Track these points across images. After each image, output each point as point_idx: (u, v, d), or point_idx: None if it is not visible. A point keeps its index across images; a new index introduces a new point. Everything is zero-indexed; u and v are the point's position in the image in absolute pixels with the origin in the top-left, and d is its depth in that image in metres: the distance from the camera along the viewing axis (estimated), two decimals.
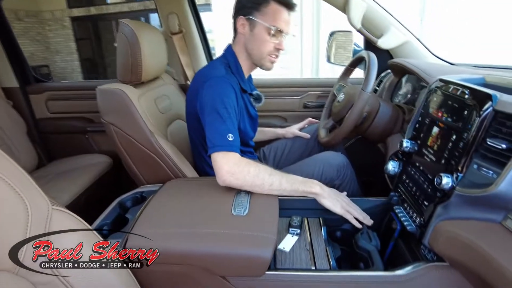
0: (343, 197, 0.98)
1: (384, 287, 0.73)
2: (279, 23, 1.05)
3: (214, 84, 1.01)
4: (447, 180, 0.67)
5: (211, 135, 0.96)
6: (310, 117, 1.73)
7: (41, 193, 0.59)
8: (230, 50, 1.14)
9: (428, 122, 0.84)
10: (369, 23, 1.39)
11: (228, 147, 0.94)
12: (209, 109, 0.98)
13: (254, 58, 1.11)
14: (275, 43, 1.07)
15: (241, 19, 1.07)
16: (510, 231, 0.61)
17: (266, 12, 1.04)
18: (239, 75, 1.12)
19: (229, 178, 0.91)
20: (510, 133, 0.61)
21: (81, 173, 1.46)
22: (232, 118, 0.98)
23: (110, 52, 8.28)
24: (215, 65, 1.10)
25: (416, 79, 1.33)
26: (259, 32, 1.06)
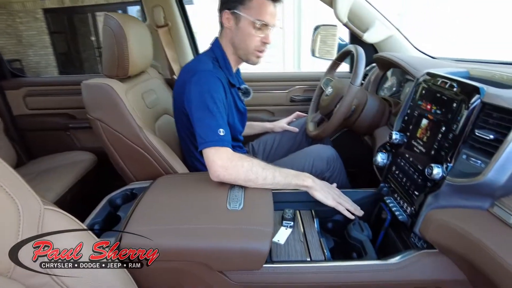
0: (334, 190, 1.00)
1: (378, 275, 0.75)
2: (264, 16, 1.03)
3: (202, 79, 0.99)
4: (438, 170, 0.70)
5: (202, 130, 0.95)
6: (297, 111, 1.75)
7: (32, 192, 0.58)
8: (217, 44, 1.12)
9: (417, 114, 0.86)
10: (355, 17, 1.41)
11: (220, 142, 0.93)
12: (198, 104, 0.97)
13: (240, 52, 1.10)
14: (261, 37, 1.06)
15: (226, 13, 1.05)
16: (496, 217, 0.64)
17: (251, 5, 1.02)
18: (227, 69, 1.11)
19: (223, 173, 0.90)
20: (497, 124, 0.64)
21: (65, 171, 1.42)
22: (222, 112, 0.98)
23: (86, 46, 7.99)
24: (202, 59, 1.09)
25: (401, 73, 1.37)
26: (244, 26, 1.04)
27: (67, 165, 1.49)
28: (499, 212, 0.63)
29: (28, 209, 0.55)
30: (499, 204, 0.64)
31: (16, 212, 0.53)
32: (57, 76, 3.17)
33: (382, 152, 1.02)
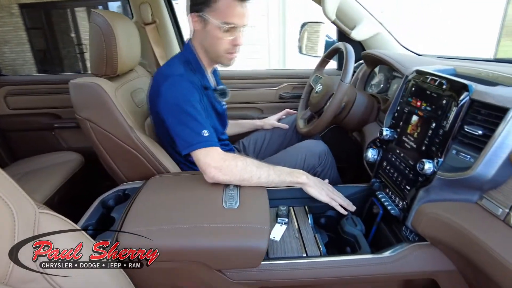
0: (327, 185, 1.02)
1: (373, 269, 0.77)
2: (231, 18, 0.98)
3: (175, 84, 0.97)
4: (429, 165, 0.72)
5: (185, 134, 0.93)
6: (286, 108, 1.76)
7: (26, 196, 0.57)
8: (189, 46, 1.09)
9: (407, 111, 0.88)
10: (343, 15, 1.43)
11: (207, 142, 0.92)
12: (175, 110, 0.94)
13: (211, 55, 1.07)
14: (230, 39, 1.02)
15: (193, 16, 1.01)
16: (484, 209, 0.67)
17: (217, 8, 0.97)
18: (200, 72, 1.08)
19: (217, 174, 0.90)
20: (485, 120, 0.67)
21: (52, 172, 1.38)
22: (202, 114, 0.96)
23: (66, 43, 7.75)
24: (174, 64, 1.06)
25: (388, 69, 1.39)
26: (211, 30, 1.00)
27: (53, 165, 1.45)
28: (487, 204, 0.66)
29: (22, 213, 0.54)
30: (487, 197, 0.67)
31: (10, 217, 0.52)
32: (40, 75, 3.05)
33: (373, 148, 1.04)
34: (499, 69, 0.85)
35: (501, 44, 5.79)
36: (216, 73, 1.26)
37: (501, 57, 5.83)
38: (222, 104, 1.21)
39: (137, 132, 1.06)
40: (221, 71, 1.74)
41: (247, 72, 1.76)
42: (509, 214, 0.61)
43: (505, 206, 0.62)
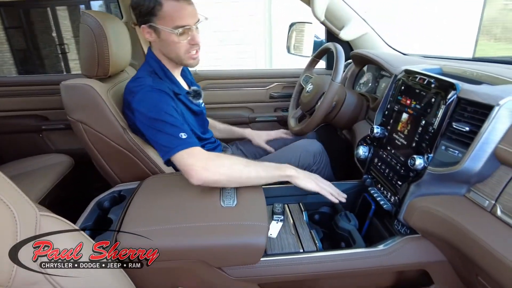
0: (316, 176, 1.00)
1: (368, 262, 0.80)
2: (181, 21, 0.96)
3: (145, 96, 0.96)
4: (420, 161, 0.75)
5: (163, 141, 0.91)
6: (276, 107, 1.78)
7: (27, 199, 0.57)
8: (152, 55, 1.07)
9: (397, 109, 0.92)
10: (332, 15, 1.46)
11: (188, 144, 0.89)
12: (149, 122, 0.93)
13: (174, 60, 1.06)
14: (187, 40, 1.00)
15: (144, 28, 1.00)
16: (472, 201, 0.70)
17: (163, 15, 0.95)
18: (168, 79, 1.07)
19: (205, 174, 0.85)
20: (471, 117, 0.70)
21: (41, 175, 1.35)
22: (178, 118, 0.95)
23: (46, 42, 7.55)
24: (140, 77, 1.04)
25: (376, 69, 1.43)
26: (166, 37, 0.99)
27: (42, 168, 1.42)
28: (475, 196, 0.70)
29: (23, 216, 0.54)
30: (475, 190, 0.70)
31: (12, 220, 0.52)
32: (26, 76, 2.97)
33: (363, 146, 1.07)
34: (480, 68, 0.89)
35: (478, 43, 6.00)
36: (188, 74, 1.24)
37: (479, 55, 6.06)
38: (199, 103, 1.19)
39: (130, 133, 1.06)
40: (212, 72, 1.76)
41: (238, 72, 1.77)
42: (495, 205, 0.64)
43: (491, 198, 0.66)
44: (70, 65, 7.78)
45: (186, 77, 1.21)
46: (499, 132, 0.65)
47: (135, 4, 0.97)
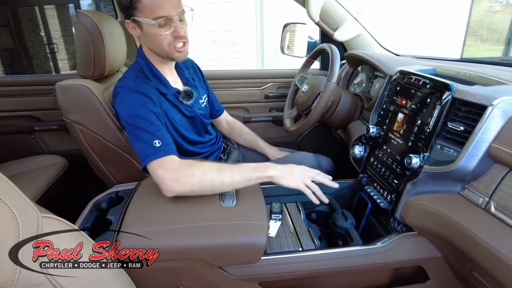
0: (300, 170, 0.92)
1: (366, 259, 0.82)
2: (161, 12, 0.93)
3: (123, 98, 0.95)
4: (416, 160, 0.77)
5: (139, 149, 0.90)
6: (271, 107, 1.80)
7: (28, 201, 0.57)
8: (141, 53, 1.06)
9: (393, 109, 0.94)
10: (326, 16, 1.48)
11: (160, 153, 0.87)
12: (127, 125, 0.93)
13: (161, 54, 1.03)
14: (170, 33, 0.96)
15: (128, 23, 0.98)
16: (467, 199, 0.72)
17: (142, 7, 0.92)
18: (156, 78, 1.04)
19: (175, 186, 0.82)
20: (465, 117, 0.72)
21: (34, 177, 1.33)
22: (154, 123, 0.92)
23: (34, 41, 7.42)
24: (126, 76, 1.03)
25: (370, 69, 1.45)
26: (148, 30, 0.96)
27: (35, 170, 1.40)
28: (469, 194, 0.72)
29: (25, 218, 0.54)
30: (469, 188, 0.72)
31: (14, 222, 0.52)
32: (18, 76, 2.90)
33: (359, 145, 1.09)
34: (471, 69, 0.91)
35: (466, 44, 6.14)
36: (185, 70, 1.19)
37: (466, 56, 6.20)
38: (195, 108, 1.15)
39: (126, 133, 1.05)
40: (208, 72, 1.75)
41: (233, 72, 1.78)
42: (489, 202, 0.66)
43: (485, 196, 0.68)
44: (59, 65, 7.67)
45: (182, 75, 1.16)
46: (492, 132, 0.67)
47: (118, 0, 0.96)
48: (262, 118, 1.78)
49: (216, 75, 1.74)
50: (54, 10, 7.48)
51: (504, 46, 6.20)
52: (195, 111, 1.14)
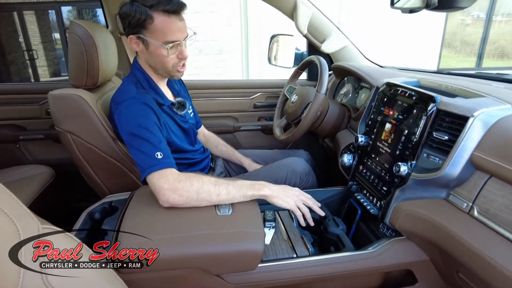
0: (293, 192, 0.97)
1: (358, 264, 0.85)
2: (171, 36, 0.96)
3: (126, 109, 0.95)
4: (404, 167, 0.82)
5: (139, 160, 0.91)
6: (260, 116, 1.83)
7: (29, 213, 0.57)
8: (137, 65, 1.07)
9: (381, 119, 0.98)
10: (314, 29, 1.53)
11: (161, 165, 0.88)
12: (128, 136, 0.93)
13: (160, 72, 1.06)
14: (176, 55, 1.01)
15: (132, 38, 0.99)
16: (452, 204, 0.77)
17: (154, 28, 0.95)
18: (152, 89, 1.06)
19: (172, 196, 0.84)
20: (449, 127, 0.77)
21: (20, 187, 1.30)
22: (156, 134, 0.93)
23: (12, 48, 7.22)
24: (124, 87, 1.04)
25: (355, 80, 1.51)
26: (155, 50, 0.99)
27: (21, 180, 1.36)
28: (454, 199, 0.76)
29: (27, 230, 0.54)
30: (454, 193, 0.77)
31: (16, 234, 0.52)
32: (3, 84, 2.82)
33: (348, 154, 1.13)
34: (452, 81, 0.98)
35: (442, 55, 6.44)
36: (174, 83, 1.22)
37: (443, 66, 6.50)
38: (187, 118, 1.19)
39: (120, 143, 1.06)
40: (197, 82, 1.77)
41: (223, 82, 1.81)
42: (472, 207, 0.71)
43: (468, 201, 0.72)
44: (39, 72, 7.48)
45: (172, 87, 1.20)
46: (474, 141, 0.72)
47: (124, 14, 0.96)
48: (251, 127, 1.81)
49: (206, 84, 1.76)
50: (33, 16, 7.33)
51: (477, 58, 6.55)
52: (188, 121, 1.17)
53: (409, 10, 0.84)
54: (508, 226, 0.63)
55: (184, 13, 0.99)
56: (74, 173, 1.20)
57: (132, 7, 0.94)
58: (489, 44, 6.51)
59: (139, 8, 0.93)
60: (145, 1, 0.93)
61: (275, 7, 1.51)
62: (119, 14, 0.99)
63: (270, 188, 0.93)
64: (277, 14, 1.60)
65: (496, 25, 6.55)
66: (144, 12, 0.93)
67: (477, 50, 6.57)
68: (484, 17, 6.40)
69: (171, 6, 0.93)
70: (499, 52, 6.93)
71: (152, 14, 0.94)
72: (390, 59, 3.96)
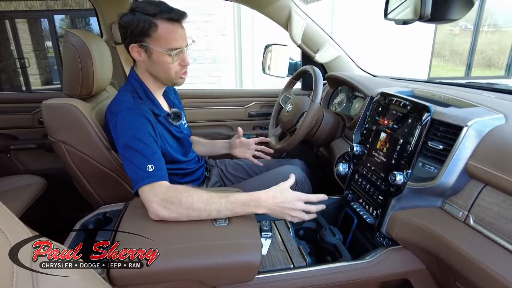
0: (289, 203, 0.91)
1: (356, 274, 0.85)
2: (175, 43, 0.98)
3: (122, 120, 0.95)
4: (400, 177, 0.82)
5: (131, 172, 0.90)
6: (254, 125, 1.84)
7: (22, 225, 0.56)
8: (134, 75, 1.06)
9: (376, 128, 0.99)
10: (308, 39, 1.55)
11: (151, 178, 0.87)
12: (122, 147, 0.92)
13: (163, 81, 1.07)
14: (179, 62, 1.02)
15: (134, 47, 0.99)
16: (448, 213, 0.77)
17: (158, 36, 0.96)
18: (149, 100, 1.06)
19: (162, 211, 0.83)
20: (444, 136, 0.78)
21: (11, 198, 1.27)
22: (150, 146, 0.92)
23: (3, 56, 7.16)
24: (121, 98, 1.03)
25: (349, 89, 1.53)
26: (158, 58, 0.99)
27: (12, 190, 1.33)
28: (450, 208, 0.77)
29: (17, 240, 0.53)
30: (449, 202, 0.77)
31: (6, 242, 0.51)
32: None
33: (343, 163, 1.13)
34: (444, 91, 0.99)
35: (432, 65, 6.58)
36: (172, 94, 1.23)
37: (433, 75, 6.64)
38: (182, 128, 1.19)
39: (115, 153, 1.04)
40: (192, 91, 1.78)
41: (217, 91, 1.82)
42: (468, 216, 0.72)
43: (464, 210, 0.73)
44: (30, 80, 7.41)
45: (168, 98, 1.20)
46: (468, 150, 0.73)
47: (126, 24, 0.97)
48: (246, 136, 1.80)
49: (200, 94, 1.77)
50: (25, 24, 7.30)
51: (466, 68, 6.71)
52: (183, 131, 1.17)
53: (403, 21, 0.86)
54: (503, 235, 0.63)
55: (184, 22, 1.01)
56: (66, 183, 1.18)
57: (135, 17, 0.95)
58: (476, 54, 6.69)
59: (141, 17, 0.94)
60: (147, 10, 0.94)
61: (269, 17, 1.53)
62: (120, 24, 0.99)
63: (267, 207, 0.89)
64: (270, 24, 1.62)
65: (483, 35, 6.75)
66: (147, 21, 0.95)
67: (466, 59, 6.74)
68: (471, 27, 6.59)
69: (174, 14, 0.96)
70: (487, 61, 7.12)
71: (156, 22, 0.95)
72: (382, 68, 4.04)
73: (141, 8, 0.95)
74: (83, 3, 7.05)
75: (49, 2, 6.86)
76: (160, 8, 0.95)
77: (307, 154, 1.77)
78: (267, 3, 1.48)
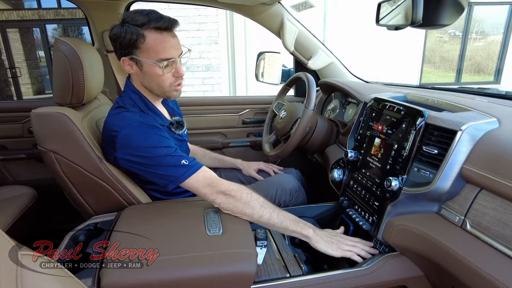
0: (338, 237, 0.95)
1: (353, 282, 0.83)
2: (165, 53, 0.94)
3: (135, 133, 0.93)
4: (395, 182, 0.81)
5: (167, 172, 0.90)
6: (249, 132, 1.83)
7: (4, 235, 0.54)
8: (131, 87, 1.04)
9: (370, 134, 0.99)
10: (300, 46, 1.56)
11: (193, 167, 0.90)
12: (146, 160, 0.92)
13: (157, 93, 1.03)
14: (172, 73, 0.99)
15: (125, 60, 0.97)
16: (444, 218, 0.76)
17: (147, 48, 0.93)
18: (151, 111, 1.04)
19: (223, 200, 0.89)
20: (438, 141, 0.78)
21: (0, 209, 1.24)
22: (171, 146, 0.94)
23: None
24: (126, 112, 0.99)
25: (342, 96, 1.53)
26: (149, 70, 0.96)
27: (1, 201, 1.30)
28: (446, 213, 0.76)
29: None
30: (446, 207, 0.77)
31: None
32: None
33: (337, 169, 1.13)
34: (437, 96, 1.00)
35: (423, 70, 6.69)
36: (168, 100, 1.20)
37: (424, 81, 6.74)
38: (184, 136, 1.18)
39: (106, 162, 1.02)
40: (186, 98, 1.77)
41: (211, 99, 1.82)
42: (465, 221, 0.71)
43: (460, 214, 0.72)
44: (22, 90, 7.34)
45: (167, 105, 1.18)
46: (463, 154, 0.73)
47: (115, 36, 0.94)
48: (240, 143, 1.80)
49: (194, 101, 1.76)
50: (17, 33, 7.26)
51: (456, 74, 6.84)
52: (184, 139, 1.18)
53: (395, 27, 0.86)
54: (500, 239, 0.62)
55: (177, 30, 0.98)
56: (57, 194, 1.15)
57: (123, 28, 0.92)
58: (466, 60, 6.82)
59: (129, 28, 0.92)
60: (136, 21, 0.92)
61: (262, 25, 1.54)
62: (109, 37, 0.97)
63: (315, 231, 0.92)
64: (263, 32, 1.63)
65: (471, 42, 6.90)
66: (135, 32, 0.92)
67: (455, 65, 6.86)
68: (459, 34, 6.73)
69: (162, 23, 0.92)
70: (475, 67, 7.26)
71: (144, 32, 0.92)
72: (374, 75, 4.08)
73: (130, 19, 0.92)
74: (75, 12, 7.05)
75: (41, 12, 6.84)
76: (149, 18, 0.91)
77: (301, 161, 1.77)
78: (259, 10, 1.49)
